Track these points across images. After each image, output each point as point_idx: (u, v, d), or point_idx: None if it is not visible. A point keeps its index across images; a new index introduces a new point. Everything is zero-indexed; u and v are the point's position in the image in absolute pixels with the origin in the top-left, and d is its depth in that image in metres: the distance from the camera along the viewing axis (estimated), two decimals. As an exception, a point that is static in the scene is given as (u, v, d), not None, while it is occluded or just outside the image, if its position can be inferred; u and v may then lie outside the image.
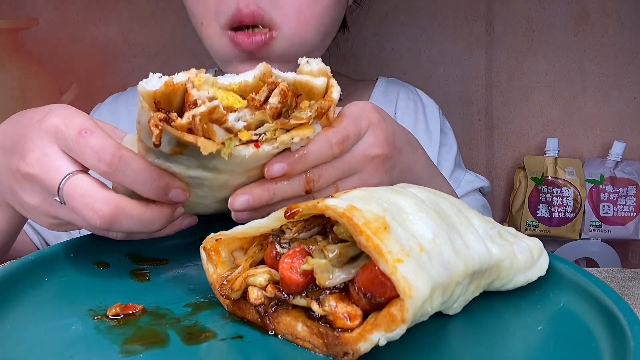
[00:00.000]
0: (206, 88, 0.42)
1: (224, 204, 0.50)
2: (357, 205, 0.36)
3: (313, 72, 0.47)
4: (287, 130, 0.45)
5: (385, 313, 0.34)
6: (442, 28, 1.40)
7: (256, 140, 0.44)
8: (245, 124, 0.43)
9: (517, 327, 0.42)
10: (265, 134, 0.44)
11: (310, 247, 0.39)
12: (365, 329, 0.35)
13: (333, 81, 0.47)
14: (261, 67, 0.45)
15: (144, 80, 0.41)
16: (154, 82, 0.41)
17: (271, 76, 0.45)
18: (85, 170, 0.47)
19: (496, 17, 1.40)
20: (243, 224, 0.43)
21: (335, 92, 0.47)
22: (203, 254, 0.44)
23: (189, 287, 0.47)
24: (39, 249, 0.85)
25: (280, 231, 0.41)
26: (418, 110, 0.98)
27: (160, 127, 0.40)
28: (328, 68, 0.47)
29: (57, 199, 0.46)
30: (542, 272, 0.45)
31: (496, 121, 1.44)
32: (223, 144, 0.42)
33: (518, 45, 1.41)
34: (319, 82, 0.46)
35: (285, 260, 0.39)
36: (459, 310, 0.42)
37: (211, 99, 0.42)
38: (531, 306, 0.44)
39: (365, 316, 0.36)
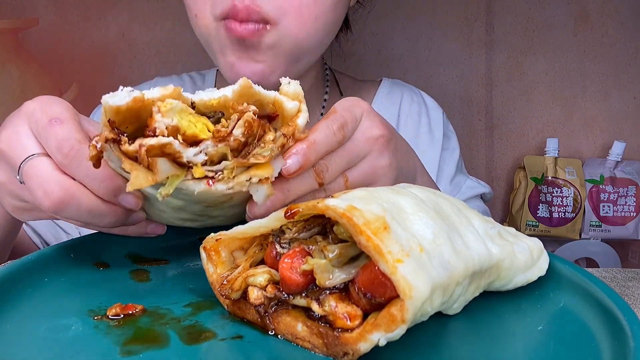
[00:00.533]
0: (170, 115, 0.41)
1: (186, 222, 0.49)
2: (357, 205, 0.36)
3: (289, 93, 0.47)
4: (247, 168, 0.43)
5: (385, 313, 0.34)
6: (442, 28, 1.40)
7: (211, 177, 0.42)
8: (205, 157, 0.42)
9: (517, 327, 0.42)
10: (222, 172, 0.43)
11: (310, 247, 0.39)
12: (365, 329, 0.35)
13: (303, 107, 0.46)
14: (241, 81, 0.45)
15: (110, 93, 0.40)
16: (120, 97, 0.40)
17: (251, 89, 0.45)
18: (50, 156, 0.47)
19: (496, 18, 1.40)
20: None
21: (302, 117, 0.46)
22: (203, 254, 0.44)
23: (189, 287, 0.47)
24: (39, 249, 0.85)
25: (281, 231, 0.41)
26: (422, 112, 0.98)
27: (98, 148, 0.40)
28: (301, 92, 0.47)
29: (17, 176, 0.47)
30: (542, 272, 0.46)
31: (496, 121, 1.44)
32: (168, 177, 0.41)
33: (518, 45, 1.41)
34: (291, 105, 0.46)
35: (285, 260, 0.39)
36: (459, 310, 0.42)
37: (173, 128, 0.41)
38: (531, 306, 0.44)
39: (365, 316, 0.36)
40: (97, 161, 0.41)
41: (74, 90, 1.36)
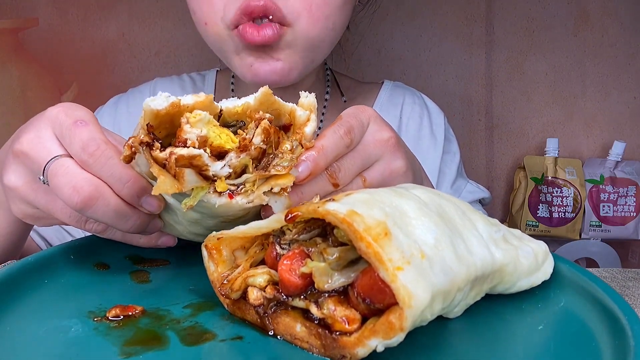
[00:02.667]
0: (199, 126, 0.42)
1: (198, 237, 0.49)
2: (358, 210, 0.36)
3: (304, 105, 0.48)
4: (266, 179, 0.44)
5: (384, 320, 0.34)
6: (442, 28, 1.40)
7: (232, 191, 0.43)
8: (230, 171, 0.42)
9: (518, 327, 0.42)
10: (244, 185, 0.43)
11: (310, 249, 0.39)
12: (364, 334, 0.35)
13: (313, 116, 0.48)
14: (263, 89, 0.46)
15: (151, 97, 0.41)
16: (159, 102, 0.41)
17: (271, 97, 0.46)
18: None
19: (496, 17, 1.40)
20: None
21: (310, 126, 0.47)
22: (204, 252, 0.44)
23: (188, 288, 0.47)
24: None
25: (281, 232, 0.41)
26: (423, 115, 0.98)
27: (133, 149, 0.41)
28: (315, 104, 0.48)
29: (41, 177, 0.47)
30: (547, 276, 0.45)
31: (496, 121, 1.44)
32: (193, 189, 0.42)
33: (518, 45, 1.41)
34: (301, 113, 0.47)
35: (285, 262, 0.39)
36: (459, 314, 0.42)
37: (202, 139, 0.41)
38: (532, 306, 0.44)
39: (364, 320, 0.36)
40: (128, 161, 0.42)
41: (74, 90, 1.36)
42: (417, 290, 0.33)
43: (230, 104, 0.45)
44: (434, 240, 0.38)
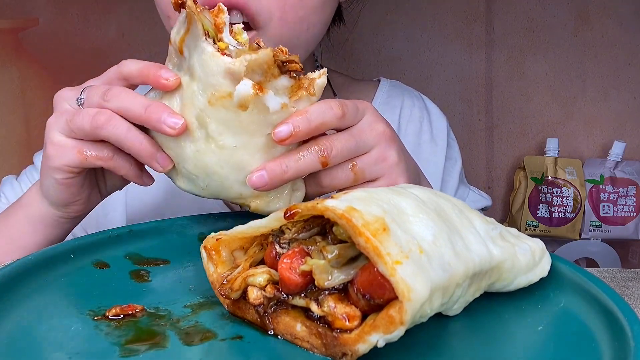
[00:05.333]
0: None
1: (191, 182, 0.53)
2: (356, 206, 0.36)
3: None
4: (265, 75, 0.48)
5: (384, 315, 0.34)
6: (442, 28, 1.40)
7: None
8: (233, 42, 0.47)
9: (518, 328, 0.42)
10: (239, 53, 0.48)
11: (310, 247, 0.39)
12: (364, 330, 0.35)
13: (324, 72, 0.51)
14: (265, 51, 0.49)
15: None
16: None
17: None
18: None
19: (496, 17, 1.40)
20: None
21: (323, 78, 0.50)
22: (203, 253, 0.44)
23: (189, 287, 0.47)
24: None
25: (280, 231, 0.41)
26: (423, 119, 0.91)
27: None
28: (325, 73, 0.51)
29: (80, 97, 0.55)
30: (544, 273, 0.45)
31: (496, 121, 1.44)
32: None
33: (518, 45, 1.41)
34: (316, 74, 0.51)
35: (285, 260, 0.39)
36: (459, 311, 0.42)
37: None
38: (531, 306, 0.44)
39: (364, 317, 0.36)
40: (177, 6, 0.49)
41: (74, 91, 1.36)
42: (415, 284, 0.33)
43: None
44: (432, 237, 0.38)
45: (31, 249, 0.61)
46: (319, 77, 0.50)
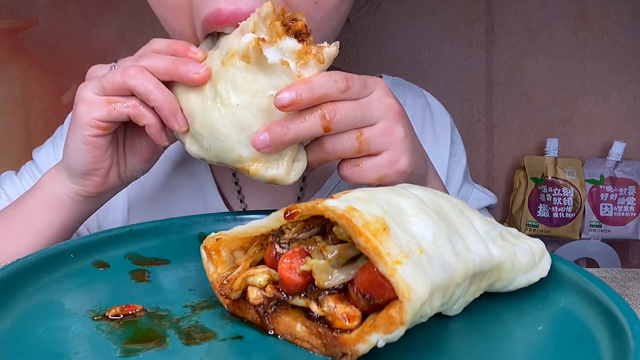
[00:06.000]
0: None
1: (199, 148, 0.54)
2: (356, 206, 0.36)
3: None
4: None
5: (384, 315, 0.34)
6: (442, 28, 1.40)
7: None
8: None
9: (517, 328, 0.42)
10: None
11: (310, 247, 0.39)
12: (364, 330, 0.35)
13: (336, 46, 0.51)
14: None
15: None
16: None
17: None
18: None
19: (496, 17, 1.40)
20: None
21: (334, 46, 0.51)
22: (203, 253, 0.44)
23: (189, 287, 0.47)
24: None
25: (280, 231, 0.41)
26: (426, 118, 0.89)
27: None
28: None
29: (113, 65, 0.58)
30: (544, 273, 0.45)
31: (496, 121, 1.44)
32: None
33: (518, 45, 1.41)
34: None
35: (285, 260, 0.39)
36: (459, 311, 0.42)
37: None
38: (531, 306, 0.44)
39: (364, 317, 0.36)
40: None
41: (73, 90, 1.35)
42: (416, 284, 0.33)
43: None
44: (432, 237, 0.38)
45: (42, 229, 0.62)
46: (329, 47, 0.50)
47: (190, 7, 0.57)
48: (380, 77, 0.95)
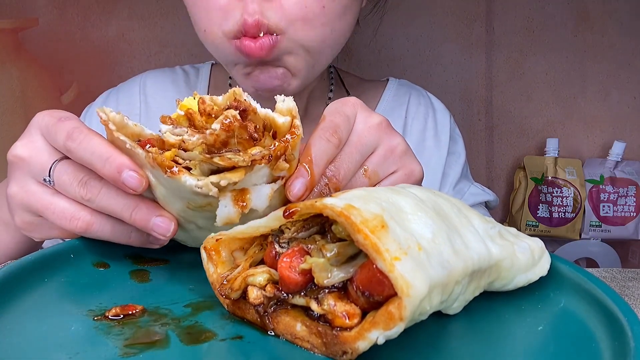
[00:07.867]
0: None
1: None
2: (355, 204, 0.36)
3: (283, 110, 0.46)
4: (220, 172, 0.43)
5: (384, 311, 0.34)
6: (442, 28, 1.40)
7: (183, 166, 0.43)
8: (177, 138, 0.44)
9: (517, 328, 0.42)
10: (188, 161, 0.43)
11: (309, 246, 0.39)
12: (364, 327, 0.35)
13: (297, 122, 0.46)
14: (233, 89, 0.46)
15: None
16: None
17: (240, 97, 0.46)
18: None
19: (496, 17, 1.40)
20: None
21: (297, 132, 0.45)
22: (203, 254, 0.44)
23: (189, 287, 0.47)
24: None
25: (280, 231, 0.41)
26: (428, 115, 0.97)
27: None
28: (295, 109, 0.46)
29: (47, 178, 0.49)
30: (544, 272, 0.45)
31: (496, 121, 1.44)
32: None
33: (518, 45, 1.41)
34: (282, 120, 0.46)
35: (284, 259, 0.39)
36: (459, 310, 0.42)
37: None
38: (531, 306, 0.44)
39: (364, 315, 0.36)
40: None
41: (74, 90, 1.36)
42: (415, 280, 0.33)
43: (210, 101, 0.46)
44: (431, 235, 0.38)
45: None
46: (282, 116, 0.46)
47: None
48: (388, 79, 1.01)
